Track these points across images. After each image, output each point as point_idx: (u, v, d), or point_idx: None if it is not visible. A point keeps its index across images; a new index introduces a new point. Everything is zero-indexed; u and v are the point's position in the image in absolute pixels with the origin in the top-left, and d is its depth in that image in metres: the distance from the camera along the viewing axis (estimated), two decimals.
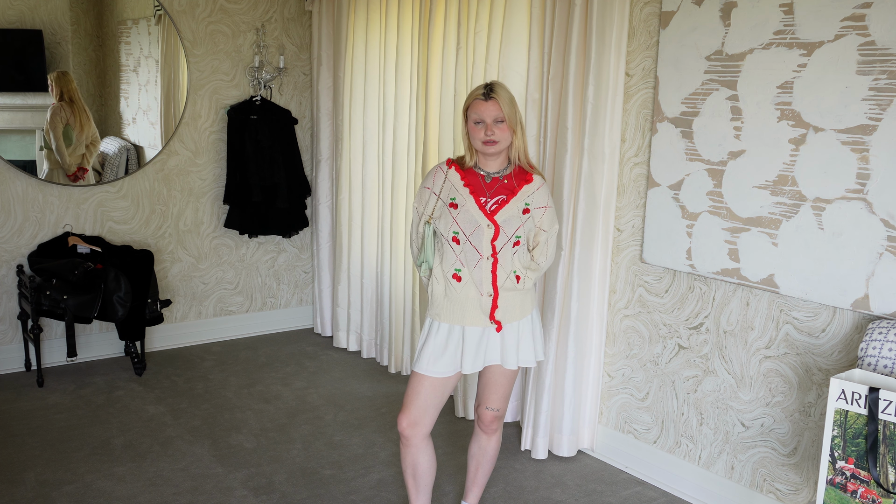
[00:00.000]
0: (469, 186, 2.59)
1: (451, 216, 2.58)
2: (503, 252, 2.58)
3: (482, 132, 2.52)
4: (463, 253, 2.58)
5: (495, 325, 2.60)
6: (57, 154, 4.38)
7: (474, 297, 2.58)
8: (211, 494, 3.19)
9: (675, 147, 3.09)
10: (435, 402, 2.66)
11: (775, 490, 2.93)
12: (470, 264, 2.58)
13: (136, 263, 4.33)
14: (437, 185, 2.65)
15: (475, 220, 2.56)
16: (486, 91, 2.51)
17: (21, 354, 4.51)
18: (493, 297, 2.58)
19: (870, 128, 2.49)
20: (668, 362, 3.26)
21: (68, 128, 4.40)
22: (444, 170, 2.65)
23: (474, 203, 2.57)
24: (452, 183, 2.62)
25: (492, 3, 3.58)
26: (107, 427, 3.79)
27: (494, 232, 2.56)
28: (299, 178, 5.09)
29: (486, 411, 2.78)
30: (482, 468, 2.91)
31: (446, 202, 2.60)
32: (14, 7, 4.28)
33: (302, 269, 5.44)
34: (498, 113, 2.50)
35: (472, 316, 2.59)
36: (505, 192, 2.59)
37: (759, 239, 2.84)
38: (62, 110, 4.39)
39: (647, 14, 3.18)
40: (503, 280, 2.59)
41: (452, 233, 2.58)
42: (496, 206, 2.58)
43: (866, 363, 2.36)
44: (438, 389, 2.64)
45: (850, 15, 2.51)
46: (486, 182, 2.60)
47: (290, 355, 4.89)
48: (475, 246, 2.57)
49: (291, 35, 5.15)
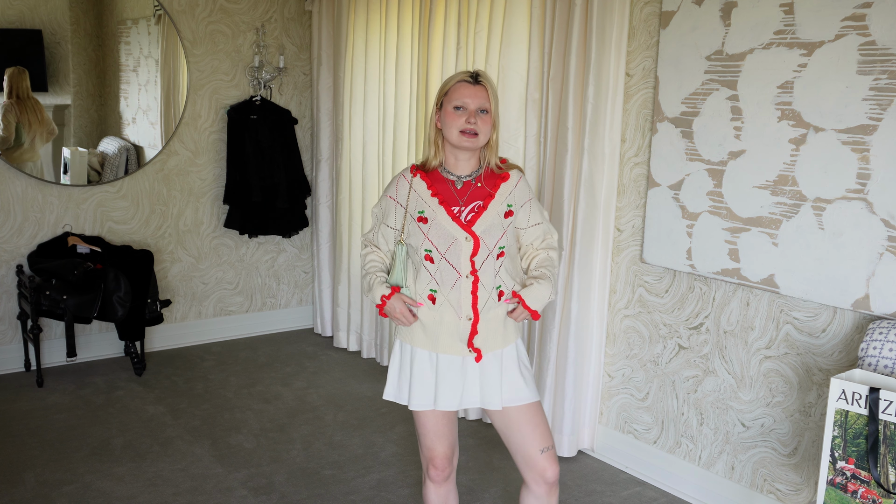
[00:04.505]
0: (438, 196, 2.24)
1: (421, 232, 2.23)
2: (484, 268, 2.22)
3: (462, 119, 2.17)
4: (438, 272, 2.22)
5: (474, 353, 2.24)
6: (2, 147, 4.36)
7: (450, 320, 2.22)
8: (211, 494, 3.19)
9: (675, 147, 3.09)
10: (454, 428, 2.37)
11: (775, 490, 2.93)
12: (446, 285, 2.22)
13: (135, 263, 4.33)
14: (401, 195, 2.29)
15: (450, 234, 2.21)
16: (475, 74, 2.21)
17: (21, 354, 4.51)
18: (473, 322, 2.22)
19: (870, 128, 2.49)
20: (668, 362, 3.26)
21: (19, 126, 4.38)
22: (407, 178, 2.29)
23: (446, 214, 2.22)
24: (419, 193, 2.26)
25: (492, 3, 3.58)
26: (107, 427, 3.79)
27: (474, 246, 2.20)
28: (299, 178, 5.09)
29: (540, 455, 2.26)
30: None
31: (414, 216, 2.25)
32: (14, 7, 4.28)
33: (302, 269, 5.44)
34: (485, 101, 2.19)
35: (446, 343, 2.24)
36: (480, 197, 2.25)
37: (760, 239, 2.84)
38: (12, 109, 4.35)
39: (647, 14, 3.18)
40: (484, 300, 2.23)
41: (425, 251, 2.23)
42: (473, 216, 2.23)
43: (867, 363, 2.36)
44: (451, 417, 2.34)
45: (850, 15, 2.51)
46: (456, 188, 2.25)
47: (290, 355, 4.89)
48: (452, 263, 2.21)
49: (291, 35, 5.14)
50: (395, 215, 2.31)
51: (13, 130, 4.36)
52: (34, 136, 4.43)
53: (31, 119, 4.41)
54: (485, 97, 2.19)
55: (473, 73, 2.22)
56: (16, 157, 4.39)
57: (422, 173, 2.29)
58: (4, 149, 4.34)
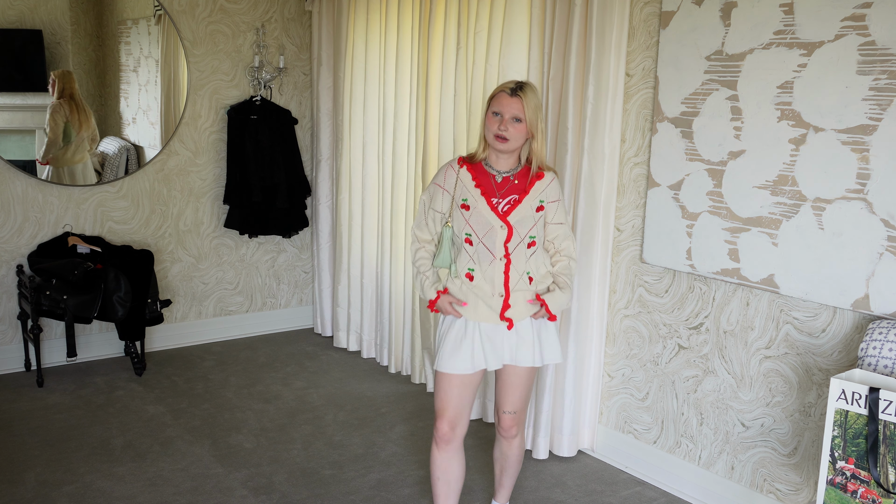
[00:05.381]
0: (480, 187, 2.58)
1: (463, 218, 2.59)
2: (516, 253, 2.58)
3: (496, 125, 2.51)
4: (476, 253, 2.58)
5: (507, 322, 2.59)
6: (50, 150, 4.38)
7: (486, 295, 2.58)
8: (211, 494, 3.19)
9: (675, 147, 3.09)
10: (467, 400, 2.66)
11: (775, 490, 2.93)
12: (483, 264, 2.58)
13: (136, 263, 4.33)
14: (448, 183, 2.63)
15: (488, 221, 2.55)
16: (516, 87, 2.51)
17: (21, 354, 4.51)
18: (505, 298, 2.58)
19: (870, 128, 2.49)
20: (668, 362, 3.26)
21: (68, 125, 4.40)
22: (455, 168, 2.63)
23: (486, 204, 2.56)
24: (464, 183, 2.60)
25: (492, 3, 3.58)
26: (107, 427, 3.79)
27: (508, 233, 2.55)
28: (299, 178, 5.09)
29: (503, 415, 2.75)
30: (507, 472, 2.90)
31: (458, 203, 2.60)
32: (14, 7, 4.28)
33: (302, 269, 5.44)
34: (518, 112, 2.49)
35: (484, 313, 2.59)
36: (516, 191, 2.59)
37: (760, 239, 2.84)
38: (62, 108, 4.39)
39: (647, 14, 3.18)
40: (515, 281, 2.58)
41: (465, 234, 2.59)
42: (509, 207, 2.57)
43: (866, 363, 2.36)
44: (468, 387, 2.64)
45: (850, 15, 2.51)
46: (496, 182, 2.59)
47: (290, 355, 4.89)
48: (488, 247, 2.57)
49: (291, 35, 5.15)
50: (443, 201, 2.65)
51: (60, 132, 4.38)
52: (83, 138, 4.47)
53: (80, 119, 4.45)
54: (519, 108, 2.49)
55: (515, 86, 2.52)
56: (66, 160, 4.42)
57: (468, 165, 2.62)
58: (53, 152, 4.36)
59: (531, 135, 2.54)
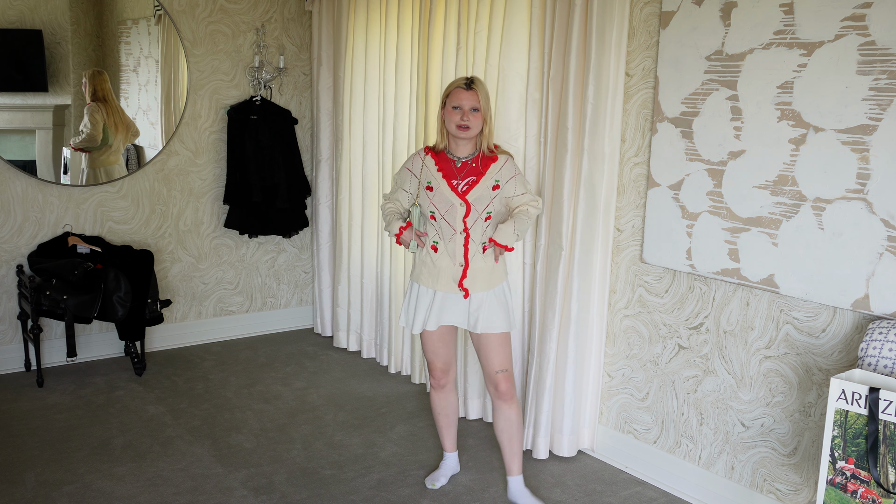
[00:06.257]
0: (442, 171, 2.97)
1: (427, 198, 2.97)
2: (474, 227, 2.95)
3: (458, 116, 2.87)
4: (440, 228, 2.97)
5: (463, 291, 2.96)
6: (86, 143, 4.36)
7: (447, 266, 2.97)
8: (211, 494, 3.19)
9: (675, 147, 3.09)
10: (450, 348, 3.12)
11: (775, 490, 2.93)
12: (445, 238, 2.97)
13: (136, 263, 4.33)
14: (415, 168, 3.05)
15: (449, 200, 2.94)
16: (468, 82, 2.88)
17: (21, 354, 4.51)
18: (464, 268, 2.96)
19: (870, 128, 2.49)
20: (668, 362, 3.26)
21: (105, 128, 4.39)
22: (421, 156, 3.04)
23: (447, 186, 2.95)
24: (428, 168, 3.00)
25: (492, 3, 3.58)
26: (107, 427, 3.79)
27: (466, 210, 2.93)
28: (299, 178, 5.09)
29: (496, 375, 3.02)
30: (514, 439, 3.09)
31: (423, 185, 2.99)
32: (14, 7, 4.28)
33: (302, 269, 5.44)
34: (475, 102, 2.87)
35: (445, 283, 2.98)
36: (474, 174, 2.96)
37: (759, 239, 2.84)
38: (99, 110, 4.38)
39: (647, 14, 3.18)
40: (473, 252, 2.96)
41: (430, 211, 2.98)
42: (467, 187, 2.94)
43: (866, 363, 2.36)
44: (445, 339, 3.09)
45: (850, 15, 2.51)
46: (456, 167, 2.97)
47: (290, 355, 4.89)
48: (449, 222, 2.95)
49: (291, 35, 5.15)
50: (411, 182, 3.07)
51: (101, 130, 4.38)
52: (119, 140, 4.47)
53: (116, 121, 4.45)
54: (475, 99, 2.88)
55: (468, 81, 2.89)
56: (102, 161, 4.43)
57: (432, 153, 3.02)
58: (91, 148, 4.35)
59: (485, 120, 2.91)
